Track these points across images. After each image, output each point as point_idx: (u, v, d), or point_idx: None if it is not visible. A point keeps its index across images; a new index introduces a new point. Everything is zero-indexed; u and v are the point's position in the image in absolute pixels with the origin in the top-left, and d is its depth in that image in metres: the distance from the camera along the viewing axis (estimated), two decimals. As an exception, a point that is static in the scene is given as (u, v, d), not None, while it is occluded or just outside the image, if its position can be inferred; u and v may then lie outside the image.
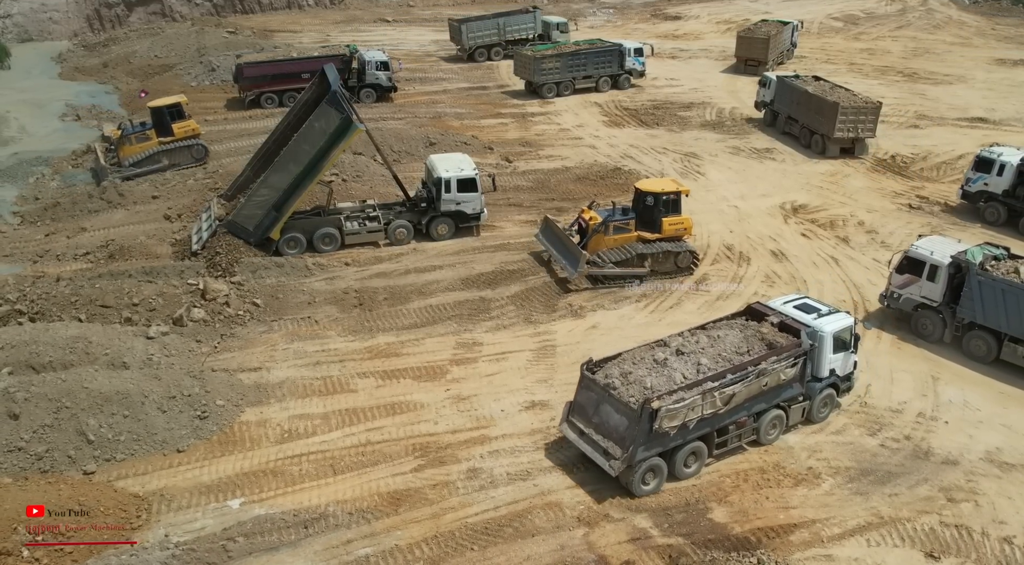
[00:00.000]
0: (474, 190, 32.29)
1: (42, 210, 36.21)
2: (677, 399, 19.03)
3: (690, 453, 19.94)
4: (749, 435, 21.05)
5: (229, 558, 17.55)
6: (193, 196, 35.69)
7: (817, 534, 18.63)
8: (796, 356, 20.93)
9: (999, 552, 18.21)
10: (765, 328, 21.78)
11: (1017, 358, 24.65)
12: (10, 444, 19.92)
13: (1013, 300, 24.28)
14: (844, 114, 41.52)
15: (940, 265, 25.83)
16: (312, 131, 29.72)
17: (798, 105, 44.70)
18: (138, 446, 20.76)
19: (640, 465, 19.10)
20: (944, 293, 25.95)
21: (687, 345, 21.12)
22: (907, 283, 26.69)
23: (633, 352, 21.04)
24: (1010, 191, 34.18)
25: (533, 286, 29.53)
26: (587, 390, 20.21)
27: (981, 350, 25.39)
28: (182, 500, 19.29)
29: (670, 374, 19.96)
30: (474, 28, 62.11)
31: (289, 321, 27.05)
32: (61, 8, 70.32)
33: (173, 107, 40.01)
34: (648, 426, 18.65)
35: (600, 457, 19.31)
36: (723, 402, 19.65)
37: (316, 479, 20.09)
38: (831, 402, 22.43)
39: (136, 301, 26.37)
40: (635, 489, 19.38)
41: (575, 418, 20.34)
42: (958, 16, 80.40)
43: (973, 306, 25.18)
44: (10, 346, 22.77)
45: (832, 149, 42.69)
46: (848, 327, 21.98)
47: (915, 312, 26.72)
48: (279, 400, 23.08)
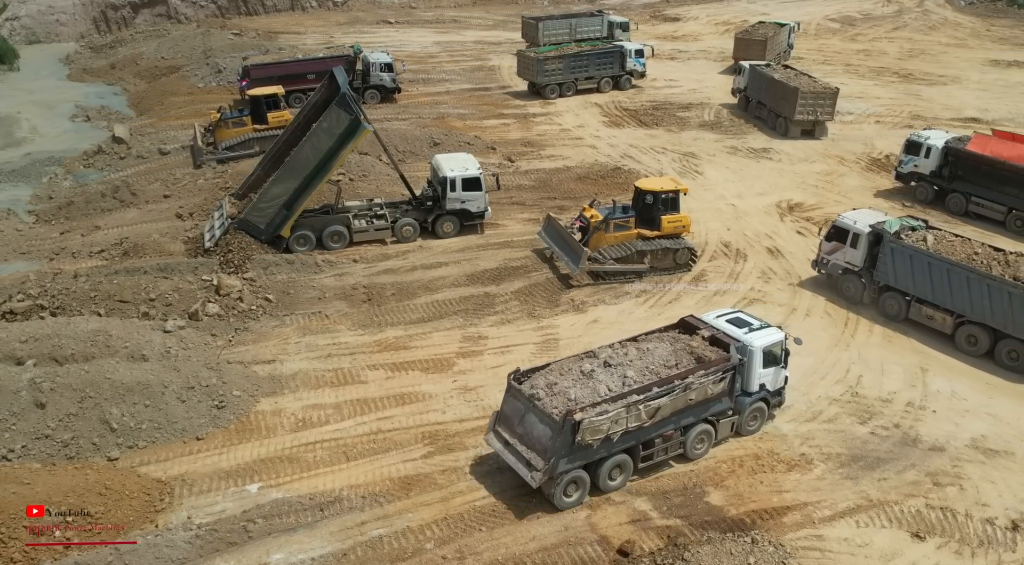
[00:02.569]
0: (478, 189, 33.19)
1: (56, 209, 37.10)
2: (601, 411, 18.84)
3: (615, 466, 19.71)
4: (676, 449, 20.80)
5: (250, 538, 18.45)
6: (204, 195, 36.58)
7: (809, 516, 19.52)
8: (724, 370, 20.71)
9: (981, 532, 19.12)
10: (695, 341, 21.59)
11: (922, 317, 27.36)
12: (37, 432, 20.83)
13: (919, 265, 27.01)
14: (804, 98, 45.32)
15: (861, 233, 28.54)
16: (322, 132, 30.60)
17: (766, 91, 48.64)
18: (159, 434, 21.67)
19: (562, 477, 18.89)
20: (864, 259, 28.64)
21: (615, 357, 20.87)
22: (834, 250, 29.48)
23: (561, 363, 20.92)
24: (937, 172, 37.17)
25: (536, 282, 30.45)
26: (513, 400, 19.95)
27: (894, 310, 28.16)
28: (203, 485, 20.18)
29: (595, 386, 19.77)
30: (549, 27, 65.11)
31: (300, 316, 27.95)
32: (68, 10, 71.23)
33: (271, 97, 42.70)
34: (571, 438, 18.50)
35: (523, 468, 19.03)
36: (648, 415, 19.43)
37: (330, 465, 20.97)
38: (761, 416, 22.18)
39: (153, 296, 27.26)
40: (557, 501, 19.18)
41: (501, 428, 20.04)
42: (954, 17, 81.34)
43: (887, 270, 27.92)
44: (33, 339, 23.62)
45: (794, 131, 46.34)
46: (779, 342, 21.84)
47: (841, 276, 29.39)
48: (293, 391, 23.98)
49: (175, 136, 44.92)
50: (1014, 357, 25.42)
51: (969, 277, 25.87)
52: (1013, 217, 34.74)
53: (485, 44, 70.75)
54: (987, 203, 35.57)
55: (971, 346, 26.25)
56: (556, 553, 18.25)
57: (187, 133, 45.04)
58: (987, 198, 35.53)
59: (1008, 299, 24.99)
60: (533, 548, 18.38)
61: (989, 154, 35.27)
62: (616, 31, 66.25)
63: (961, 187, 36.44)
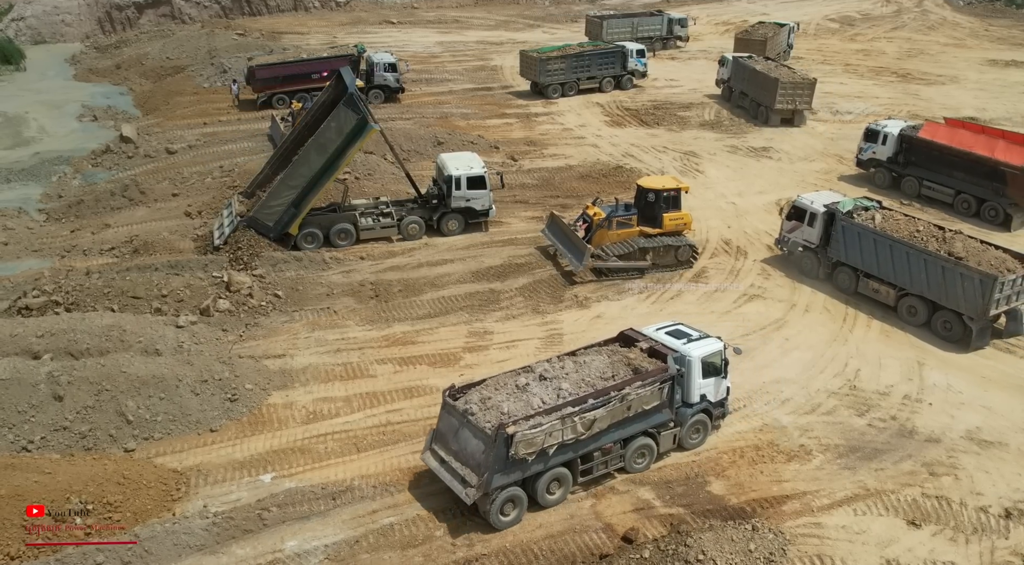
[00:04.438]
0: (483, 187, 33.73)
1: (66, 207, 37.62)
2: (534, 424, 18.51)
3: (552, 480, 19.41)
4: (617, 462, 20.57)
5: (265, 526, 18.99)
6: (211, 193, 37.14)
7: (808, 505, 20.06)
8: (661, 381, 20.46)
9: (975, 520, 19.68)
10: (633, 353, 21.34)
11: (869, 290, 29.38)
12: (56, 424, 21.35)
13: (867, 242, 28.95)
14: (783, 88, 48.10)
15: (817, 213, 30.52)
16: (329, 131, 31.14)
17: (748, 81, 51.39)
18: (174, 426, 22.19)
19: (497, 493, 18.53)
20: (820, 236, 30.53)
21: (551, 371, 20.53)
22: (794, 228, 31.64)
23: (497, 378, 20.60)
24: (893, 158, 39.54)
25: (540, 278, 31.00)
26: (448, 416, 19.70)
27: (845, 283, 30.17)
28: (217, 475, 20.70)
29: (529, 399, 19.45)
30: (613, 25, 68.44)
31: (309, 311, 28.48)
32: (73, 11, 71.85)
33: None
34: (504, 452, 18.15)
35: (457, 485, 18.66)
36: (584, 427, 19.15)
37: (341, 456, 21.49)
38: (703, 428, 21.93)
39: (165, 292, 27.77)
40: (493, 519, 18.75)
41: (437, 446, 19.81)
42: (952, 17, 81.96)
43: (839, 247, 29.89)
44: (49, 334, 24.13)
45: (774, 119, 49.12)
46: (718, 352, 21.58)
47: (800, 253, 31.51)
48: (303, 384, 24.51)
49: (182, 135, 45.46)
50: (948, 327, 27.29)
51: (909, 253, 27.75)
52: (960, 199, 37.07)
53: (487, 44, 71.35)
54: (937, 186, 38.02)
55: (911, 317, 28.22)
56: (562, 540, 18.78)
57: (193, 133, 45.71)
58: (937, 182, 38.00)
59: (942, 273, 26.81)
60: (540, 535, 18.91)
61: (937, 141, 37.73)
62: (675, 27, 69.82)
63: (914, 172, 38.90)
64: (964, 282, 26.24)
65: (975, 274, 25.98)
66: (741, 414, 23.45)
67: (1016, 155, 34.91)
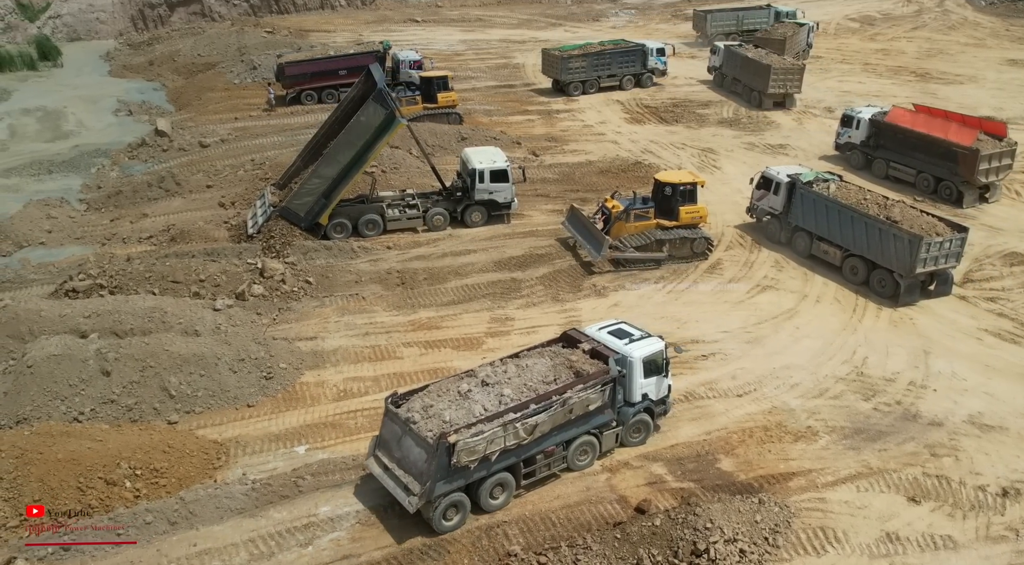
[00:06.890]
0: (506, 181, 34.90)
1: (105, 197, 39.23)
2: (476, 432, 18.61)
3: (496, 485, 19.60)
4: (559, 463, 20.82)
5: (300, 492, 20.30)
6: (244, 185, 38.57)
7: (813, 481, 21.09)
8: (603, 383, 20.59)
9: (973, 498, 20.63)
10: (575, 356, 21.42)
11: (820, 252, 32.39)
12: (104, 397, 22.79)
13: (819, 208, 31.99)
14: (775, 74, 51.79)
15: (782, 182, 33.53)
16: (359, 125, 32.42)
17: (741, 68, 54.79)
18: (213, 401, 23.59)
19: (440, 500, 18.67)
20: (783, 204, 33.46)
21: (494, 376, 20.60)
22: (762, 197, 34.62)
23: (440, 384, 20.72)
24: (865, 141, 42.28)
25: (560, 268, 32.13)
26: (391, 423, 19.80)
27: (801, 246, 33.16)
28: (255, 446, 22.06)
29: (471, 407, 19.47)
30: (717, 18, 70.54)
31: (339, 297, 29.80)
32: (107, 8, 73.75)
33: (440, 79, 48.39)
34: (446, 460, 18.28)
35: (400, 492, 18.74)
36: (526, 433, 19.30)
37: (371, 431, 22.48)
38: (645, 428, 22.16)
39: (203, 278, 29.17)
40: (436, 525, 18.90)
41: (380, 453, 19.88)
42: (973, 17, 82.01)
43: (797, 213, 32.95)
44: (96, 315, 25.59)
45: (767, 103, 52.57)
46: (659, 352, 21.72)
47: (766, 219, 34.45)
48: (334, 365, 25.82)
49: (214, 130, 46.91)
50: (883, 285, 30.14)
51: (852, 217, 30.77)
52: (920, 178, 39.82)
53: (510, 42, 72.44)
54: (901, 167, 40.74)
55: (853, 275, 31.15)
56: (579, 510, 19.93)
57: (225, 127, 47.17)
58: (901, 163, 40.76)
59: (879, 235, 29.71)
60: (557, 505, 20.07)
61: (900, 124, 40.55)
62: (784, 19, 69.78)
63: (883, 154, 41.60)
64: (896, 243, 29.14)
65: (905, 235, 28.91)
66: (751, 397, 24.52)
67: (966, 136, 37.77)
